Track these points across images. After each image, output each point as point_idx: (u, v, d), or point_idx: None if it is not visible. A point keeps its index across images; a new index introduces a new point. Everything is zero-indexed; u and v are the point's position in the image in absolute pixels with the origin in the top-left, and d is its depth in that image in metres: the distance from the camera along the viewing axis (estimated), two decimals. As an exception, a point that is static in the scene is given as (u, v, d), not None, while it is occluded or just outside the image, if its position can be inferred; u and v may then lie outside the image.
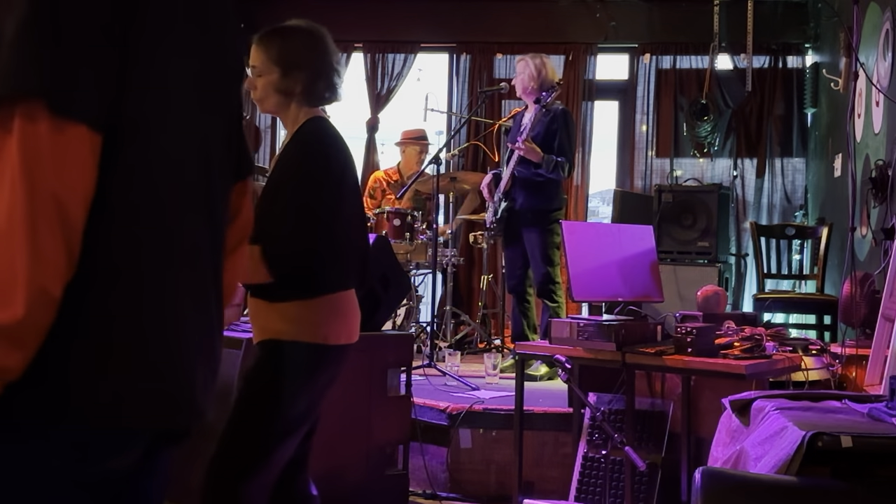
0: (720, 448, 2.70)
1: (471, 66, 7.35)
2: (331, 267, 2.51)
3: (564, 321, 3.66)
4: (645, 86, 7.21)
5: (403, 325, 5.98)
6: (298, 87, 2.54)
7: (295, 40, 2.57)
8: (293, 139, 2.58)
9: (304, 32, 2.60)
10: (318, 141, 2.55)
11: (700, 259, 5.27)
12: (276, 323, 2.49)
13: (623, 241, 3.91)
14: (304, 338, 2.47)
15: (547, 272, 5.23)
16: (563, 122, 5.23)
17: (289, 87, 2.55)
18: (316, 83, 2.56)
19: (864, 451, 2.13)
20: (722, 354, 3.29)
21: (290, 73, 2.54)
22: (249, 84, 2.60)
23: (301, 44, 2.57)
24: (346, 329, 2.55)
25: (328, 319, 2.50)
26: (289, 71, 2.54)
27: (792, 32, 7.01)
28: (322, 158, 2.53)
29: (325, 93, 2.60)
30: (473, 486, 4.26)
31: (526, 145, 5.05)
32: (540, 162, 5.10)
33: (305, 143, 2.55)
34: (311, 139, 2.55)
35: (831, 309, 5.38)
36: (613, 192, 6.45)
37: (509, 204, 5.30)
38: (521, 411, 3.75)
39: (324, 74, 2.57)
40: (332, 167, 2.54)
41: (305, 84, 2.55)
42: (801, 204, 7.03)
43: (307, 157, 2.52)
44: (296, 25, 2.61)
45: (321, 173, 2.51)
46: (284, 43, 2.56)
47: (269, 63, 2.55)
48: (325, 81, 2.58)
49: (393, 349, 3.90)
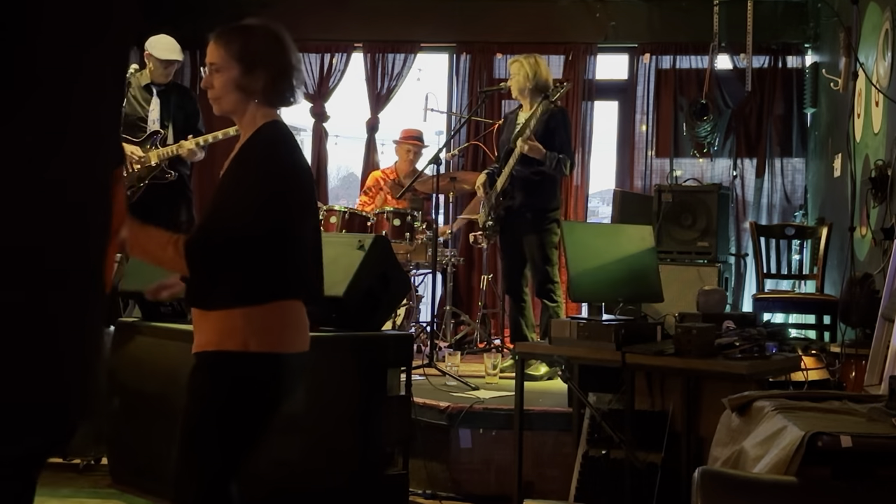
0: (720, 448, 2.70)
1: (471, 66, 7.35)
2: (273, 274, 2.40)
3: (565, 321, 3.66)
4: (645, 86, 7.21)
5: (403, 325, 5.98)
6: (259, 84, 2.46)
7: (257, 37, 2.50)
8: (251, 141, 2.48)
9: (265, 30, 2.53)
10: (279, 146, 2.47)
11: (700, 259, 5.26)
12: (210, 334, 2.40)
13: (623, 241, 3.91)
14: (233, 347, 2.36)
15: (546, 272, 5.23)
16: (562, 120, 5.25)
17: (250, 84, 2.46)
18: (277, 82, 2.48)
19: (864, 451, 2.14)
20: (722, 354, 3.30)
21: (251, 71, 2.46)
22: (206, 83, 2.52)
23: (263, 41, 2.50)
24: (285, 336, 2.42)
25: (267, 327, 2.38)
26: (250, 68, 2.46)
27: (792, 32, 7.01)
28: (282, 166, 2.45)
29: (286, 93, 2.51)
30: (473, 486, 4.26)
31: (530, 143, 5.06)
32: (543, 159, 5.10)
33: (267, 147, 2.46)
34: (274, 143, 2.46)
35: (831, 309, 5.38)
36: (613, 192, 6.44)
37: (507, 203, 5.29)
38: (521, 411, 3.75)
39: (285, 73, 2.49)
40: (292, 177, 2.45)
41: (266, 82, 2.47)
42: (801, 204, 7.03)
43: (268, 161, 2.44)
44: (255, 23, 2.55)
45: (279, 181, 2.42)
46: (246, 39, 2.49)
47: (228, 59, 2.47)
48: (286, 81, 2.50)
49: (393, 349, 3.90)
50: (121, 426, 4.17)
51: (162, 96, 5.71)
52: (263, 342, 2.37)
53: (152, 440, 3.97)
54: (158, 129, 5.65)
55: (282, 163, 2.46)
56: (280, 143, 2.48)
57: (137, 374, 4.12)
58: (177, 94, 5.87)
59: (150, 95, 5.68)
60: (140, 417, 4.07)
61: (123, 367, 4.20)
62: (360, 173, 7.45)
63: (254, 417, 2.42)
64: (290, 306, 2.43)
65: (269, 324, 2.38)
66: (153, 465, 3.98)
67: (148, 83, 5.66)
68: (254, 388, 2.40)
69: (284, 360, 2.41)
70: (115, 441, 4.24)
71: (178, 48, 5.68)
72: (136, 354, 4.16)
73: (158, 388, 3.95)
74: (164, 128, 5.67)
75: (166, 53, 5.63)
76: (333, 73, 7.41)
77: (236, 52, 2.47)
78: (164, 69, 5.66)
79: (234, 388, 2.40)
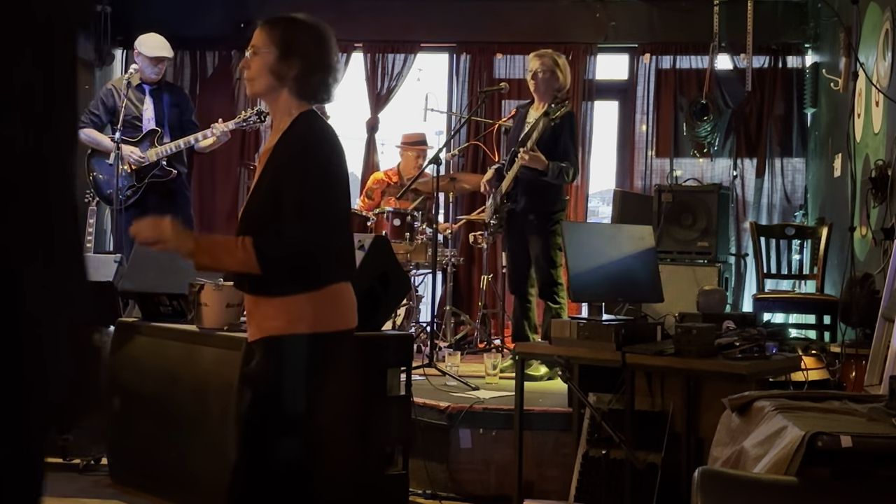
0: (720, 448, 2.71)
1: (471, 66, 7.35)
2: (331, 261, 2.53)
3: (565, 321, 3.66)
4: (645, 86, 7.20)
5: (403, 325, 5.98)
6: (292, 72, 2.52)
7: (300, 28, 2.57)
8: (290, 132, 2.55)
9: (310, 24, 2.59)
10: (320, 137, 2.55)
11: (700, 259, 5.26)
12: (275, 319, 2.49)
13: (623, 241, 3.91)
14: (305, 329, 2.47)
15: (549, 274, 5.22)
16: (568, 125, 5.18)
17: (282, 70, 2.53)
18: (311, 75, 2.54)
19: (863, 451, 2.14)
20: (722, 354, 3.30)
21: (286, 57, 2.52)
22: (244, 63, 2.59)
23: (304, 32, 2.57)
24: (345, 315, 2.57)
25: (329, 308, 2.52)
26: (286, 54, 2.52)
27: (792, 32, 7.01)
28: (325, 156, 2.53)
29: (319, 89, 2.58)
30: (473, 486, 4.26)
31: (530, 155, 5.02)
32: (545, 170, 5.06)
33: (307, 139, 2.53)
34: (313, 135, 2.54)
35: (831, 309, 5.37)
36: (613, 192, 6.45)
37: (511, 205, 5.28)
38: (521, 411, 3.75)
39: (320, 68, 2.55)
40: (334, 165, 2.55)
41: (300, 72, 2.53)
42: (801, 204, 7.03)
43: (310, 154, 2.51)
44: (303, 16, 2.61)
45: (324, 171, 2.51)
46: (288, 27, 2.56)
47: (268, 43, 2.53)
48: (319, 76, 2.56)
49: (393, 349, 3.89)
50: (121, 426, 4.17)
51: (154, 95, 5.73)
52: (330, 322, 2.51)
53: (152, 440, 3.97)
54: (155, 128, 5.66)
55: (329, 154, 2.55)
56: (322, 132, 2.57)
57: (137, 374, 4.12)
58: (168, 91, 5.89)
59: (143, 95, 5.69)
60: (140, 417, 4.07)
61: (123, 367, 4.20)
62: (360, 173, 7.45)
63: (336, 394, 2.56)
64: (345, 288, 2.58)
65: (332, 305, 2.53)
66: (153, 465, 3.98)
67: (140, 83, 5.66)
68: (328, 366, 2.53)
69: (347, 336, 2.57)
70: (115, 441, 4.23)
71: (167, 45, 5.70)
72: (136, 354, 4.16)
73: (158, 388, 3.96)
74: (160, 125, 5.69)
75: (156, 51, 5.64)
76: (333, 73, 7.41)
77: (277, 38, 2.54)
78: (155, 66, 5.66)
79: (310, 369, 2.50)
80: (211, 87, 7.43)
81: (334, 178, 2.54)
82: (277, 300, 2.49)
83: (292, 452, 2.48)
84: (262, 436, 2.49)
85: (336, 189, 2.55)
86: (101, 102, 5.70)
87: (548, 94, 5.25)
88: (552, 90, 5.22)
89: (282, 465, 2.48)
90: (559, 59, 5.27)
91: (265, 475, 2.48)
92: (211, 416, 3.75)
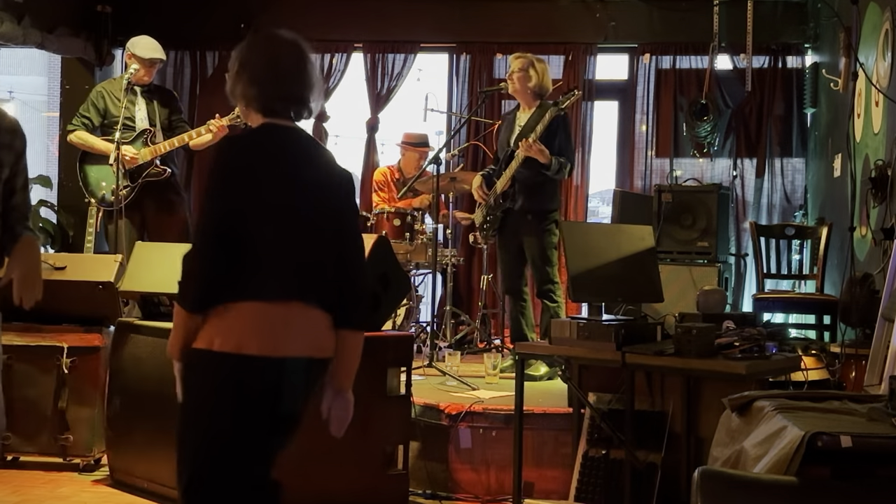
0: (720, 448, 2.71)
1: (471, 66, 7.35)
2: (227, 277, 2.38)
3: (565, 321, 3.66)
4: (645, 86, 7.20)
5: (403, 325, 5.99)
6: (238, 88, 2.50)
7: (251, 41, 2.53)
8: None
9: (262, 36, 2.55)
10: (220, 150, 2.49)
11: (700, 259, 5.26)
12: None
13: (623, 241, 3.91)
14: (212, 346, 2.38)
15: (546, 272, 5.23)
16: (563, 123, 5.23)
17: (232, 87, 2.51)
18: (251, 87, 2.47)
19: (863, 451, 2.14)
20: (722, 354, 3.30)
21: (237, 73, 2.50)
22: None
23: (253, 45, 2.52)
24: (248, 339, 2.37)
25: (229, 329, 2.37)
26: (237, 71, 2.51)
27: (791, 32, 7.01)
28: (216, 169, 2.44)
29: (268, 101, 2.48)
30: (473, 486, 4.26)
31: (536, 147, 5.05)
32: (547, 163, 5.09)
33: (217, 152, 2.49)
34: (226, 147, 2.51)
35: (831, 309, 5.37)
36: (613, 192, 6.44)
37: (507, 205, 5.29)
38: (521, 411, 3.75)
39: (258, 80, 2.47)
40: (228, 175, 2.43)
41: (243, 85, 2.49)
42: (801, 204, 7.03)
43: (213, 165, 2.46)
44: (265, 31, 2.57)
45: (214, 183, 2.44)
46: (244, 44, 2.53)
47: (232, 63, 2.53)
48: (258, 88, 2.47)
49: (393, 349, 3.90)
50: (121, 426, 4.18)
51: (146, 96, 5.73)
52: (225, 342, 2.36)
53: (152, 440, 3.97)
54: (148, 127, 5.67)
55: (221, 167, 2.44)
56: (233, 145, 2.50)
57: (137, 374, 4.12)
58: (159, 93, 5.90)
59: (135, 96, 5.69)
60: (140, 417, 4.07)
61: (123, 367, 4.20)
62: (360, 173, 7.45)
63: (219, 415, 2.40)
64: (251, 308, 2.39)
65: (229, 325, 2.38)
66: (153, 465, 3.98)
67: (131, 85, 5.66)
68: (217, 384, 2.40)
69: (250, 361, 2.37)
70: (115, 441, 4.24)
71: (159, 47, 5.70)
72: (136, 354, 4.16)
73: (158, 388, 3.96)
74: (152, 126, 5.69)
75: (149, 52, 5.64)
76: (333, 73, 7.41)
77: (235, 56, 2.52)
78: (148, 68, 5.66)
79: (198, 385, 2.43)
80: (211, 87, 7.42)
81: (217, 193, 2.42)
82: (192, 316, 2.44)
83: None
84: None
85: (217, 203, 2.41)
86: (91, 105, 5.69)
87: (524, 93, 5.31)
88: (527, 89, 5.28)
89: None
90: (536, 61, 5.32)
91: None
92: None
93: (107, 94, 5.69)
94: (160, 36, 5.79)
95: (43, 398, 4.40)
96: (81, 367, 4.41)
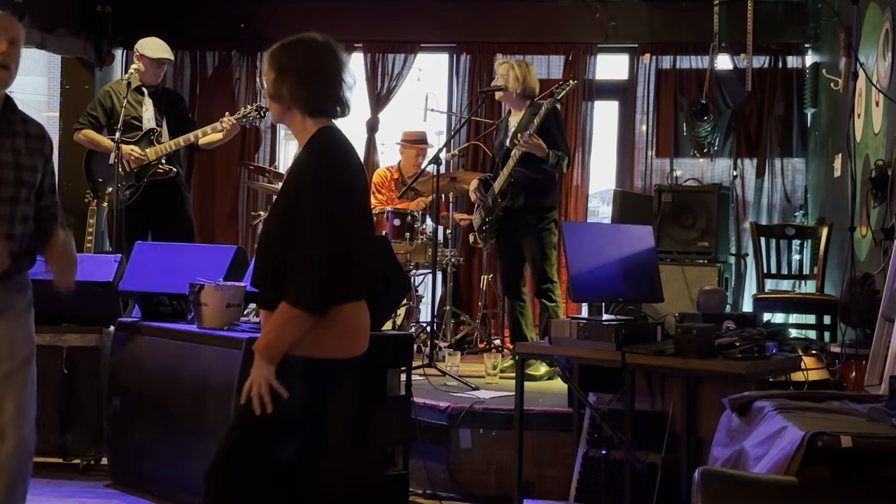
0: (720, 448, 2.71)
1: (471, 66, 7.35)
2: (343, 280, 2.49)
3: (564, 321, 3.66)
4: (645, 86, 7.20)
5: (403, 325, 5.98)
6: (284, 91, 2.56)
7: (289, 46, 2.60)
8: (304, 149, 2.59)
9: (299, 40, 2.62)
10: (330, 150, 2.56)
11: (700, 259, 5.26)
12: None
13: (623, 241, 3.91)
14: (304, 353, 2.46)
15: (544, 271, 5.23)
16: (554, 118, 5.27)
17: (277, 91, 2.58)
18: (300, 87, 2.56)
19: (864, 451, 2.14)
20: (722, 354, 3.30)
21: (280, 78, 2.57)
22: (264, 94, 2.71)
23: (291, 49, 2.60)
24: (351, 343, 2.56)
25: (334, 335, 2.49)
26: (280, 75, 2.57)
27: (792, 32, 7.01)
28: (336, 167, 2.54)
29: (320, 101, 2.59)
30: (473, 486, 4.26)
31: (532, 140, 5.07)
32: (545, 157, 5.11)
33: (319, 153, 2.55)
34: (324, 148, 2.56)
35: (831, 309, 5.37)
36: (613, 192, 6.45)
37: (506, 204, 5.29)
38: (521, 411, 3.75)
39: (310, 80, 2.56)
40: (345, 175, 2.55)
41: (292, 88, 2.56)
42: (801, 204, 7.02)
43: (322, 167, 2.52)
44: (300, 36, 2.63)
45: (335, 182, 2.51)
46: (281, 49, 2.60)
47: (269, 70, 2.60)
48: (309, 88, 2.56)
49: (393, 349, 3.90)
50: (121, 426, 4.17)
51: (154, 97, 5.74)
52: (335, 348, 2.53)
53: (152, 440, 3.97)
54: (154, 127, 5.68)
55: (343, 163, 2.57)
56: (334, 144, 2.59)
57: (137, 374, 4.12)
58: (167, 95, 5.93)
59: (143, 97, 5.70)
60: (140, 417, 4.07)
61: (123, 367, 4.20)
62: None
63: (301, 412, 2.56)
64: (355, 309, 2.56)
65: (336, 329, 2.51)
66: (153, 465, 3.98)
67: (139, 85, 5.68)
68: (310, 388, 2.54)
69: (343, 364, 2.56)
70: (115, 441, 4.24)
71: (167, 48, 5.72)
72: (136, 354, 4.16)
73: (158, 388, 3.96)
74: (159, 126, 5.71)
75: (157, 53, 5.66)
76: (333, 73, 7.40)
77: (274, 62, 2.60)
78: (156, 69, 5.69)
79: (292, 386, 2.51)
80: (211, 87, 7.43)
81: (348, 189, 2.53)
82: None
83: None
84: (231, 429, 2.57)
85: (351, 200, 2.53)
86: (98, 104, 5.72)
87: (510, 98, 5.41)
88: (513, 94, 5.36)
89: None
90: (517, 65, 5.40)
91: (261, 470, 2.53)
92: (210, 416, 3.75)
93: (114, 93, 5.71)
94: (160, 36, 5.80)
95: (42, 398, 4.39)
96: (81, 367, 4.41)
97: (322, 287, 2.43)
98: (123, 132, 5.46)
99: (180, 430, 3.88)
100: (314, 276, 2.42)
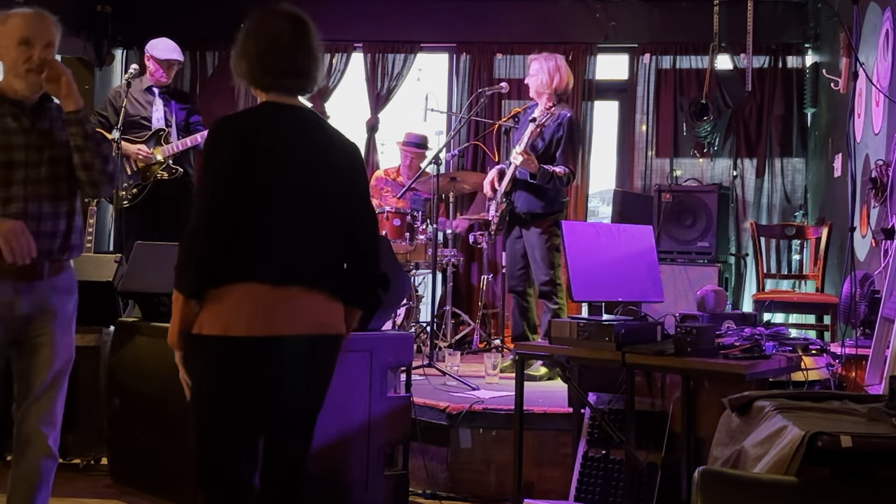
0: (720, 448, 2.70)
1: (471, 66, 7.35)
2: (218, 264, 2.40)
3: (565, 321, 3.66)
4: (645, 86, 7.20)
5: (403, 325, 5.98)
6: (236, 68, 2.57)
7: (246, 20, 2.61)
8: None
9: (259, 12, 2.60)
10: (213, 129, 2.50)
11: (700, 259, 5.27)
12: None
13: (623, 241, 3.90)
14: (202, 330, 2.42)
15: (547, 274, 5.22)
16: (568, 130, 5.18)
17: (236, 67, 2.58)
18: (240, 62, 2.55)
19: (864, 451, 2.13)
20: (722, 354, 3.29)
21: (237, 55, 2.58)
22: None
23: (247, 24, 2.60)
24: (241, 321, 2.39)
25: (221, 312, 2.40)
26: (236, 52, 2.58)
27: (792, 32, 7.01)
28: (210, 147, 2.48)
29: (255, 76, 2.53)
30: (473, 486, 4.26)
31: (523, 156, 5.02)
32: (535, 173, 5.07)
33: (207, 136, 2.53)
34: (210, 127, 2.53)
35: (831, 309, 5.38)
36: (613, 192, 6.45)
37: (510, 206, 5.28)
38: (521, 411, 3.75)
39: (245, 54, 2.54)
40: (208, 152, 2.47)
41: (235, 64, 2.56)
42: (801, 204, 7.03)
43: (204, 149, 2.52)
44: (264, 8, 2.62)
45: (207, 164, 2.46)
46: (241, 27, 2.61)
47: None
48: (247, 62, 2.53)
49: (393, 349, 3.89)
50: (121, 426, 4.17)
51: (163, 97, 5.76)
52: (214, 325, 2.40)
53: (152, 440, 3.97)
54: (162, 127, 5.69)
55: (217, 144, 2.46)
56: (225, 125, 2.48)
57: (137, 374, 4.12)
58: (177, 95, 5.94)
59: (153, 97, 5.72)
60: (140, 417, 4.07)
61: (123, 367, 4.20)
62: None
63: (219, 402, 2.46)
64: (242, 290, 2.41)
65: (220, 308, 2.41)
66: (153, 465, 3.98)
67: (149, 85, 5.71)
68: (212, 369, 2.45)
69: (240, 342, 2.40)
70: (115, 441, 4.23)
71: (177, 49, 5.75)
72: (136, 354, 4.16)
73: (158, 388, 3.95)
74: (168, 126, 5.72)
75: (167, 53, 5.69)
76: (333, 73, 7.41)
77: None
78: (166, 70, 5.71)
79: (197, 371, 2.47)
80: (211, 87, 7.43)
81: (210, 174, 2.43)
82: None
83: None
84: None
85: (210, 184, 2.42)
86: (109, 104, 5.76)
87: (537, 93, 5.29)
88: (538, 90, 5.26)
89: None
90: (548, 62, 5.26)
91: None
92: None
93: (123, 93, 5.73)
94: (160, 36, 5.80)
95: (43, 398, 4.39)
96: (81, 367, 4.40)
97: (182, 267, 2.41)
98: (133, 132, 5.48)
99: (180, 430, 3.88)
100: (178, 257, 2.42)
